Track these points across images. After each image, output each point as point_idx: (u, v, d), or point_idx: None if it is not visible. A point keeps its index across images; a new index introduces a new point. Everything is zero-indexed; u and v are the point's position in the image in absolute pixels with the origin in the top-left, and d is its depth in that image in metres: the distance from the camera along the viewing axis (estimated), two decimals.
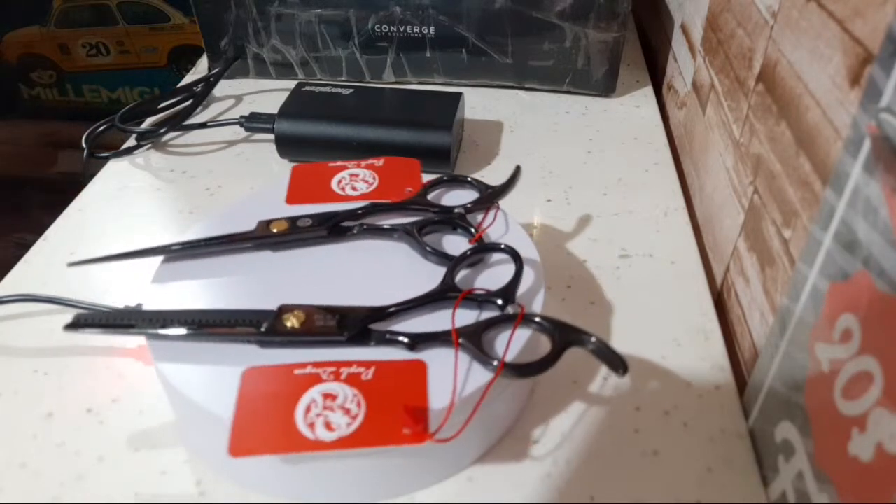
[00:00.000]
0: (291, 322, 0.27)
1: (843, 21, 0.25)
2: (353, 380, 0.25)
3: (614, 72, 0.53)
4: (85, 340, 0.34)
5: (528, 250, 0.32)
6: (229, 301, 0.30)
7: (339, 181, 0.36)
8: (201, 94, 0.52)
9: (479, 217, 0.34)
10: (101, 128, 0.48)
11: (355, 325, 0.27)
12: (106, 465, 0.28)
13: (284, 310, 0.28)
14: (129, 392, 0.31)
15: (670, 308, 0.35)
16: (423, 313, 0.28)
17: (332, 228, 0.32)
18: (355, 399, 0.25)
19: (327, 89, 0.48)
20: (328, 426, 0.24)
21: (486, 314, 0.28)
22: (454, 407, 0.25)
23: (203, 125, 0.50)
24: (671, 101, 0.54)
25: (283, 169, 0.47)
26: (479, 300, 0.29)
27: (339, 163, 0.37)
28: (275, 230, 0.32)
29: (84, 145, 0.47)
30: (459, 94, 0.47)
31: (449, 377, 0.26)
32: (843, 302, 0.22)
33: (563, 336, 0.26)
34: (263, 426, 0.24)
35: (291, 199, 0.35)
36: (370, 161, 0.37)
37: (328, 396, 0.25)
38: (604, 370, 0.32)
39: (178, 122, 0.49)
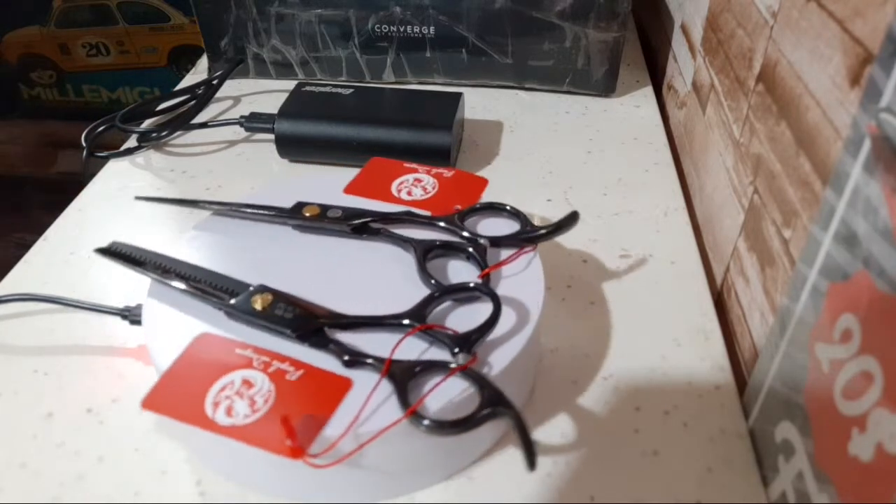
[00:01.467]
0: (257, 303, 0.28)
1: (843, 21, 0.25)
2: (277, 375, 0.26)
3: (614, 72, 0.53)
4: (85, 340, 0.34)
5: (531, 300, 0.29)
6: (233, 265, 0.31)
7: (401, 183, 0.36)
8: (205, 96, 0.52)
9: (507, 253, 0.31)
10: (101, 127, 0.48)
11: (308, 325, 0.27)
12: (106, 465, 0.28)
13: (258, 290, 0.29)
14: (129, 392, 0.31)
15: (670, 308, 0.35)
16: (382, 332, 0.28)
17: (358, 227, 0.33)
18: (268, 394, 0.25)
19: (327, 89, 0.48)
20: (229, 411, 0.25)
21: (436, 354, 0.27)
22: (343, 438, 0.24)
23: (203, 125, 0.50)
24: (671, 101, 0.54)
25: (283, 169, 0.47)
26: (438, 338, 0.27)
27: (413, 165, 0.37)
28: (307, 214, 0.33)
29: (83, 144, 0.47)
30: (459, 94, 0.47)
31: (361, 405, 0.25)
32: (843, 302, 0.22)
33: (489, 403, 0.24)
34: (181, 390, 0.25)
35: (349, 189, 0.35)
36: (440, 170, 0.36)
37: (247, 383, 0.25)
38: (604, 371, 0.32)
39: (180, 124, 0.49)
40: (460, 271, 0.31)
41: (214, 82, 0.53)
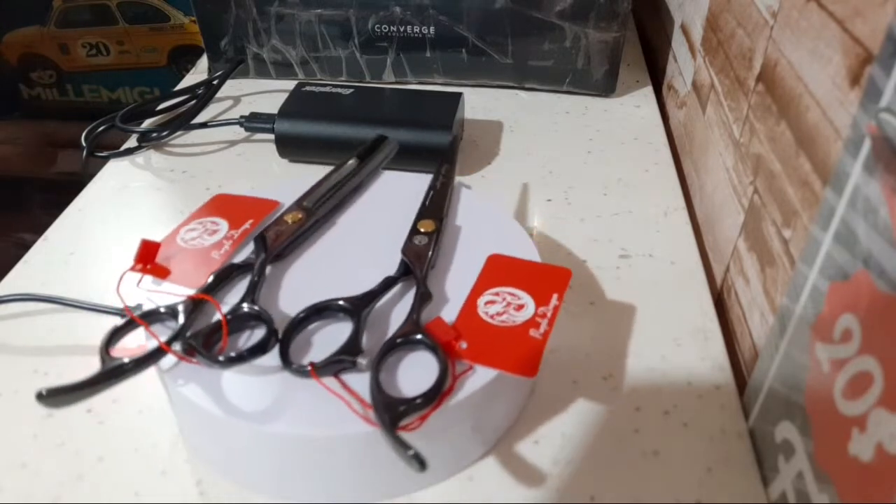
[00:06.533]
0: (289, 217, 0.33)
1: (843, 21, 0.25)
2: (219, 245, 0.33)
3: (614, 72, 0.53)
4: (85, 340, 0.34)
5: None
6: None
7: (510, 294, 0.30)
8: (205, 96, 0.52)
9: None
10: (101, 127, 0.48)
11: (266, 241, 0.31)
12: (106, 465, 0.28)
13: (301, 209, 0.34)
14: (129, 392, 0.31)
15: (670, 308, 0.35)
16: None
17: (406, 266, 0.31)
18: (205, 246, 0.32)
19: (327, 89, 0.48)
20: (189, 232, 0.33)
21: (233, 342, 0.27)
22: (145, 292, 0.30)
23: (203, 125, 0.50)
24: (671, 101, 0.54)
25: (283, 169, 0.47)
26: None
27: (556, 297, 0.30)
28: (421, 229, 0.33)
29: (83, 144, 0.47)
30: (459, 94, 0.47)
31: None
32: (843, 302, 0.22)
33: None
34: (214, 210, 0.35)
35: (494, 259, 0.32)
36: (543, 324, 0.29)
37: (215, 232, 0.33)
38: (604, 371, 0.32)
39: (180, 124, 0.49)
40: (330, 339, 0.28)
41: (214, 82, 0.53)
